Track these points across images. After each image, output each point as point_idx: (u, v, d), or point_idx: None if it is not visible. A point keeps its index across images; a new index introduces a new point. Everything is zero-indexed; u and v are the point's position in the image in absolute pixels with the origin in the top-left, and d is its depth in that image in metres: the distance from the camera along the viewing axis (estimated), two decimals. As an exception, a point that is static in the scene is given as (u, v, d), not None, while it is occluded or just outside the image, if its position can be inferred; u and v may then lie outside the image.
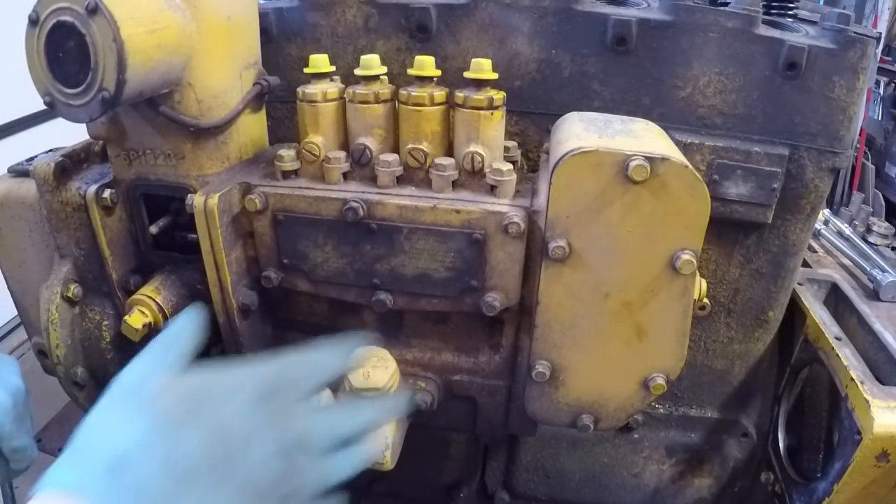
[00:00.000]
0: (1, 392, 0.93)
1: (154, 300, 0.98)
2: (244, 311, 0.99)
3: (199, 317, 0.66)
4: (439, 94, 0.90)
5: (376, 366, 0.92)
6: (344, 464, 0.63)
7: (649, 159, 0.77)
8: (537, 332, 0.90)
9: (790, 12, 1.19)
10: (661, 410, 1.37)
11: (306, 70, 0.95)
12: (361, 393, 0.91)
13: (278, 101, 1.15)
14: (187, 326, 0.65)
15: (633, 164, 0.77)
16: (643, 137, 0.85)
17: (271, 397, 0.59)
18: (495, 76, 0.90)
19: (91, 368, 1.12)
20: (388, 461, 0.92)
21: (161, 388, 0.57)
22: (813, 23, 1.15)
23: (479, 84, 0.90)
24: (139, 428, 0.53)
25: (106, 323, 1.09)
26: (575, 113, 0.96)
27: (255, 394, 0.58)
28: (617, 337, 0.88)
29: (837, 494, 1.08)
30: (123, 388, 0.58)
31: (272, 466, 0.56)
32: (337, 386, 0.95)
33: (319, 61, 0.95)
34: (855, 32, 1.04)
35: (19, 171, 1.10)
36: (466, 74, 0.90)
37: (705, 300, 1.01)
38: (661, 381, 0.90)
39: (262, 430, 0.57)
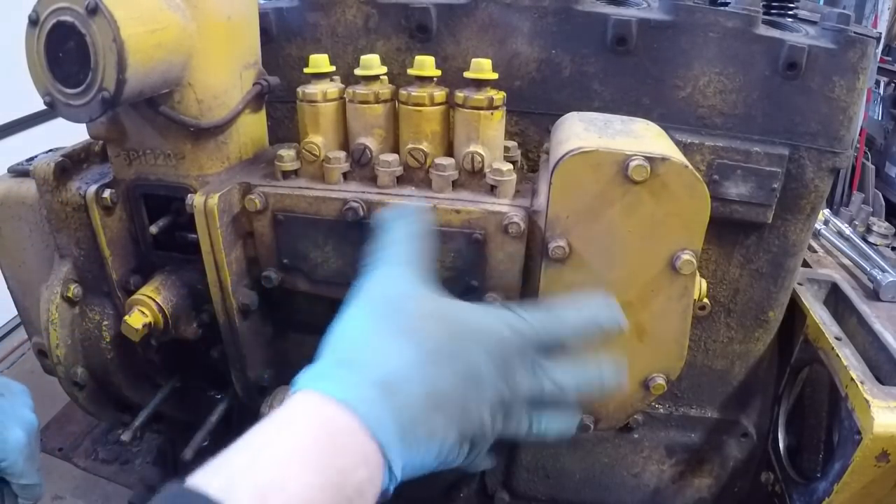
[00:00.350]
0: (17, 429, 0.92)
1: (154, 300, 0.98)
2: (244, 311, 0.99)
3: (419, 221, 0.68)
4: (439, 94, 0.90)
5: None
6: (549, 423, 0.65)
7: (649, 159, 0.77)
8: (537, 332, 0.90)
9: (790, 12, 1.19)
10: (661, 410, 1.36)
11: (306, 70, 0.95)
12: None
13: (278, 101, 1.15)
14: (415, 233, 0.67)
15: (633, 164, 0.77)
16: (643, 137, 0.85)
17: (515, 351, 0.60)
18: (495, 76, 0.90)
19: (91, 368, 1.12)
20: (388, 461, 0.92)
21: (425, 312, 0.59)
22: (813, 23, 1.15)
23: (479, 84, 0.90)
24: (412, 352, 0.55)
25: (106, 323, 1.09)
26: (575, 113, 0.96)
27: (500, 343, 0.59)
28: (617, 337, 0.88)
29: (837, 494, 1.08)
30: (384, 302, 0.60)
31: (490, 414, 0.58)
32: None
33: (319, 61, 0.95)
34: (855, 32, 1.03)
35: (19, 171, 1.10)
36: (466, 74, 0.90)
37: (705, 300, 1.01)
38: (661, 381, 0.90)
39: (496, 379, 0.58)
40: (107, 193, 0.97)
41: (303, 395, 0.52)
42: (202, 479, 0.43)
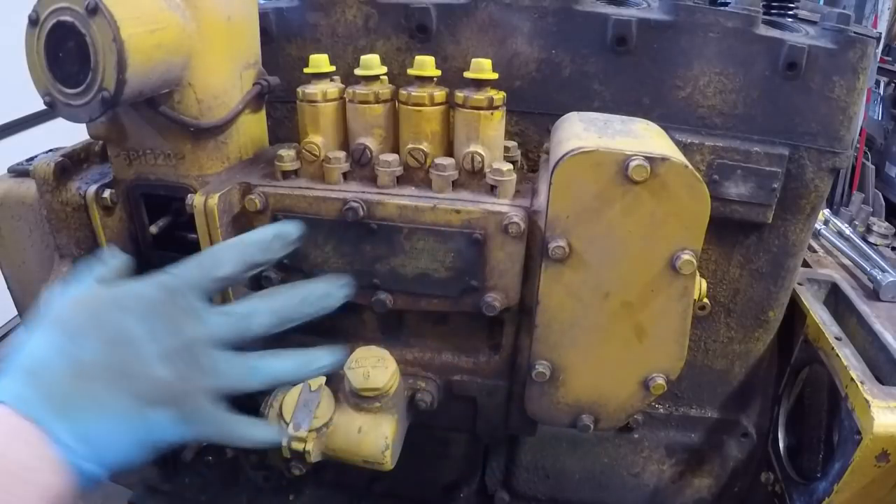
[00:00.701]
0: None
1: (154, 300, 0.98)
2: (244, 311, 0.99)
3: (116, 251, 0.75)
4: (439, 94, 0.90)
5: (376, 366, 0.92)
6: (239, 368, 0.68)
7: (649, 159, 0.77)
8: (537, 332, 0.90)
9: (790, 12, 1.20)
10: (661, 410, 1.37)
11: (306, 70, 0.95)
12: (361, 392, 0.91)
13: (278, 101, 1.15)
14: (110, 255, 0.74)
15: (633, 164, 0.77)
16: (643, 137, 0.85)
17: (165, 303, 0.65)
18: (495, 76, 0.90)
19: (91, 368, 1.12)
20: (388, 461, 0.92)
21: (69, 303, 0.65)
22: (813, 23, 1.15)
23: (479, 84, 0.90)
24: (54, 338, 0.62)
25: (106, 323, 1.09)
26: (575, 113, 0.96)
27: (148, 302, 0.65)
28: (617, 337, 0.88)
29: (837, 494, 1.08)
30: (50, 312, 0.65)
31: (162, 369, 0.63)
32: (337, 386, 0.95)
33: (319, 61, 0.95)
34: (855, 32, 1.04)
35: (19, 171, 1.10)
36: (466, 74, 0.90)
37: (705, 300, 1.01)
38: (661, 381, 0.90)
39: (153, 335, 0.63)
40: (107, 193, 0.97)
41: None
42: None
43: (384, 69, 0.94)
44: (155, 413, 0.62)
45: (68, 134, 1.13)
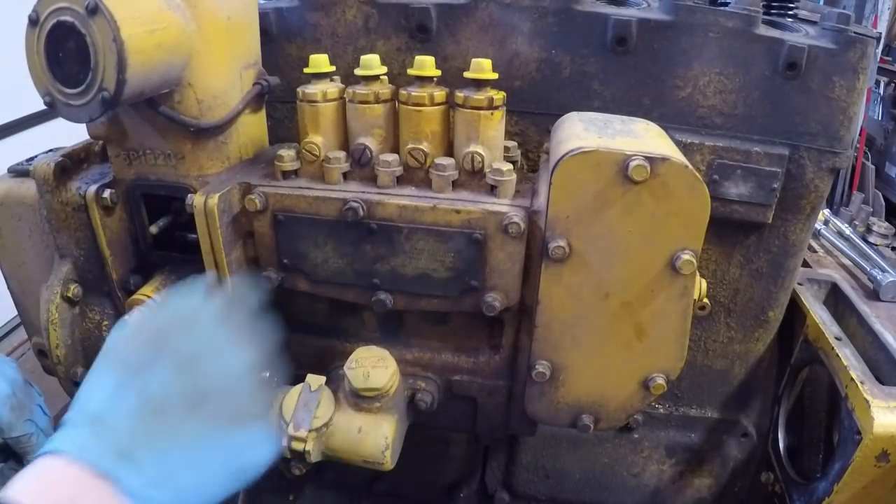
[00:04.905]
0: (0, 382, 0.93)
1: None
2: (244, 311, 0.99)
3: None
4: (439, 94, 0.90)
5: (376, 366, 0.92)
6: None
7: (649, 159, 0.77)
8: (537, 332, 0.90)
9: (790, 12, 1.19)
10: (661, 410, 1.36)
11: (306, 70, 0.95)
12: (361, 392, 0.91)
13: (278, 101, 1.15)
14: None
15: (633, 164, 0.77)
16: (643, 137, 0.85)
17: (228, 316, 0.62)
18: (495, 76, 0.90)
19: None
20: (388, 461, 0.92)
21: (122, 340, 0.61)
22: (813, 23, 1.15)
23: (479, 84, 0.90)
24: (108, 383, 0.58)
25: (106, 323, 1.09)
26: (575, 113, 0.96)
27: (213, 317, 0.61)
28: (617, 337, 0.88)
29: (837, 494, 1.08)
30: (107, 350, 0.62)
31: (241, 383, 0.59)
32: (337, 386, 0.95)
33: (319, 61, 0.95)
34: (855, 32, 1.03)
35: (19, 171, 1.10)
36: (466, 74, 0.90)
37: (705, 300, 1.01)
38: (661, 381, 0.90)
39: (228, 348, 0.59)
40: (107, 193, 0.97)
41: (37, 461, 0.55)
42: None
43: (384, 69, 0.94)
44: (244, 429, 0.58)
45: (68, 134, 1.13)
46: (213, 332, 0.61)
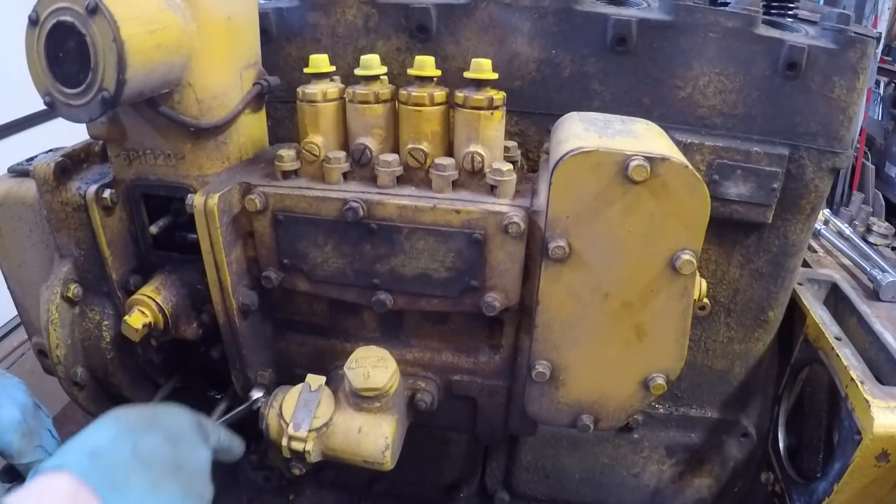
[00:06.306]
0: (10, 407, 0.93)
1: (154, 300, 0.98)
2: (244, 311, 0.99)
3: None
4: (439, 94, 0.90)
5: (376, 366, 0.92)
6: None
7: (649, 159, 0.77)
8: (537, 332, 0.90)
9: (790, 12, 1.20)
10: (661, 410, 1.37)
11: (306, 70, 0.95)
12: (361, 392, 0.91)
13: (278, 101, 1.15)
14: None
15: (633, 164, 0.77)
16: (643, 137, 0.85)
17: (200, 424, 0.81)
18: (495, 76, 0.90)
19: (91, 368, 1.12)
20: (388, 461, 0.92)
21: (129, 409, 0.76)
22: (813, 23, 1.15)
23: (479, 84, 0.90)
24: (111, 430, 0.70)
25: (106, 323, 1.09)
26: (575, 113, 0.96)
27: (193, 419, 0.80)
28: (617, 337, 0.88)
29: (837, 494, 1.08)
30: (102, 416, 0.74)
31: (205, 470, 0.76)
32: (337, 386, 0.95)
33: (319, 61, 0.95)
34: (855, 32, 1.04)
35: (19, 171, 1.10)
36: (466, 74, 0.90)
37: (705, 300, 1.01)
38: (661, 381, 0.90)
39: (201, 443, 0.77)
40: (107, 193, 0.97)
41: (36, 476, 0.64)
42: None
43: (384, 69, 0.94)
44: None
45: (68, 134, 1.13)
46: (193, 429, 0.78)
